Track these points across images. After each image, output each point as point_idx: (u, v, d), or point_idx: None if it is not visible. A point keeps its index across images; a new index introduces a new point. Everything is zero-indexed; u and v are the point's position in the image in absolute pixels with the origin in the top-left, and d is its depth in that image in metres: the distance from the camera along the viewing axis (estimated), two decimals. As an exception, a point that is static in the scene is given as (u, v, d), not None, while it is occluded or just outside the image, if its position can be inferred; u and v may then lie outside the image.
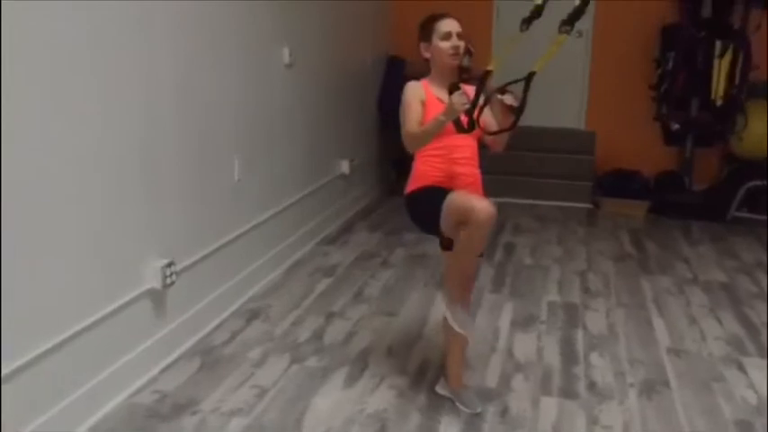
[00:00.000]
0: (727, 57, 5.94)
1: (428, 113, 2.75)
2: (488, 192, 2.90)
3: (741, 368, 3.40)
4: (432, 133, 2.67)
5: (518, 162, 6.56)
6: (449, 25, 2.77)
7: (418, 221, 2.92)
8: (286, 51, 4.43)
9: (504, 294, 4.28)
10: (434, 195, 2.72)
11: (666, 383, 3.23)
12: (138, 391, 2.99)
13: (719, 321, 3.98)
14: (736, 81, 5.97)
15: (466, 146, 2.83)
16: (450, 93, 2.52)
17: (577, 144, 6.88)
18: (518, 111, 2.61)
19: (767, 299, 4.33)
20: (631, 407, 3.01)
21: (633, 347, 3.60)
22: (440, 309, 3.11)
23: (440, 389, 3.05)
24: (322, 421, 2.83)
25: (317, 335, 3.62)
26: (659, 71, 6.43)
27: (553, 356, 3.47)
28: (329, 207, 5.43)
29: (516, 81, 2.64)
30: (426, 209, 2.77)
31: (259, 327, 3.69)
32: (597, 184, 6.59)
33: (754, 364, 3.44)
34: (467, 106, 2.55)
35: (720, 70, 6.01)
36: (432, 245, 5.16)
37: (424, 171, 2.84)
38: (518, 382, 3.20)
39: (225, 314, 3.76)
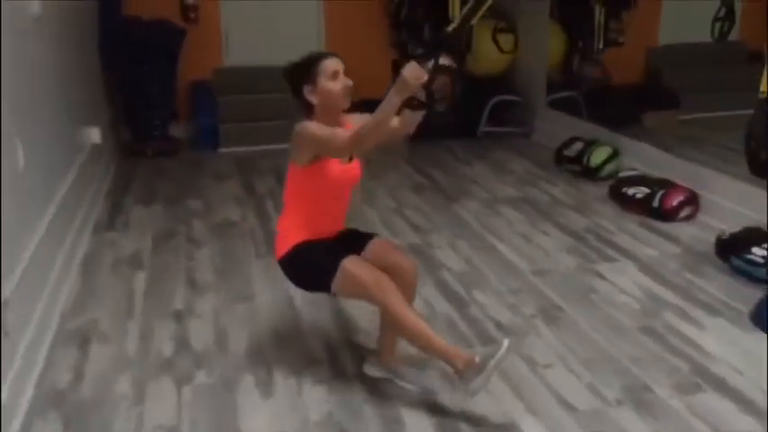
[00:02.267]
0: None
1: (325, 164, 2.53)
2: (241, 141, 2.72)
3: (601, 276, 3.60)
4: (387, 120, 2.40)
5: (269, 105, 6.15)
6: (335, 64, 2.52)
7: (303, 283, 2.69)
8: (35, -2, 3.45)
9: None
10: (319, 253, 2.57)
11: (558, 307, 3.28)
12: (3, 483, 2.17)
13: (548, 234, 4.18)
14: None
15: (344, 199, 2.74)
16: (399, 66, 2.24)
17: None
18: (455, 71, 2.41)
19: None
20: (549, 338, 3.00)
21: (502, 277, 3.59)
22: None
23: (371, 370, 2.71)
24: (270, 447, 2.35)
25: (182, 343, 2.99)
26: (396, -1, 6.44)
27: (441, 304, 3.32)
28: (89, 186, 4.52)
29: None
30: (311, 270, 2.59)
31: (102, 351, 2.93)
32: (352, 118, 6.47)
33: (608, 270, 3.66)
34: (424, 78, 2.26)
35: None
36: (230, 208, 4.63)
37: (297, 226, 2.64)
38: (433, 340, 2.99)
39: (46, 345, 2.92)
